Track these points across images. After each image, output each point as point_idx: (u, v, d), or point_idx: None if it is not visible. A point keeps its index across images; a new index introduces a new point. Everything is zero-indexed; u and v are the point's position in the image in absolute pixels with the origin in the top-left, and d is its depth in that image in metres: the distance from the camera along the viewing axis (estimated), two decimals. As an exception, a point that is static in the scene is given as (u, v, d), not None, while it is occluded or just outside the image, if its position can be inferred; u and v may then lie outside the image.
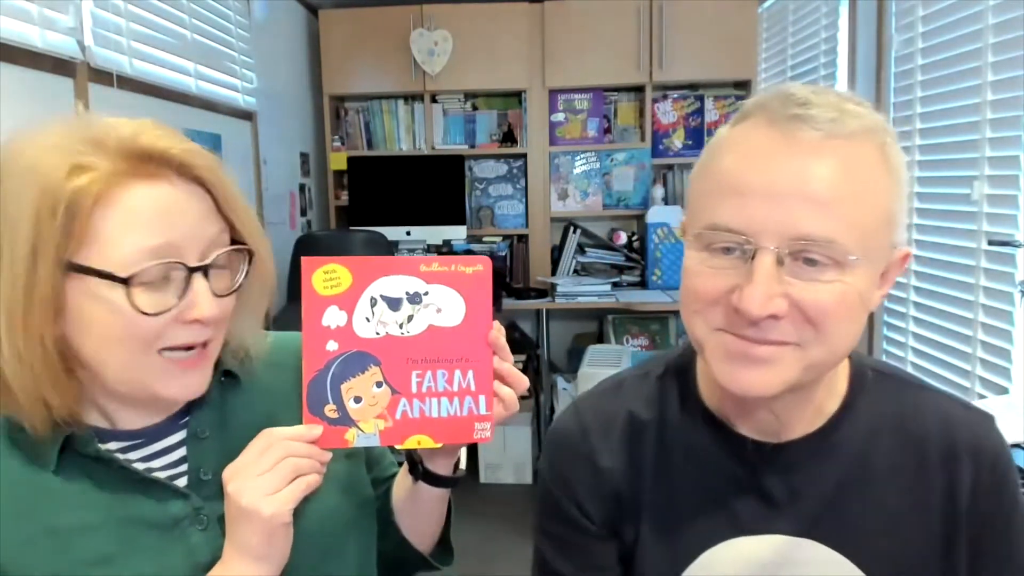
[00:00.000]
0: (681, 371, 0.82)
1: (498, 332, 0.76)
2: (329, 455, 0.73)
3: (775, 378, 0.66)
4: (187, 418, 0.77)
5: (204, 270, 0.69)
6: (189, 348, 0.71)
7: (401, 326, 0.74)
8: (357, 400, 0.74)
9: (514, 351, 0.78)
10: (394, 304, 0.74)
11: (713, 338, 0.68)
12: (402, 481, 0.88)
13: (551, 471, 0.84)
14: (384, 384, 0.74)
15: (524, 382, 0.78)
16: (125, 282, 0.65)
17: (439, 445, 0.77)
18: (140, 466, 0.74)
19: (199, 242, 0.69)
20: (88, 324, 0.67)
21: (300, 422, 0.74)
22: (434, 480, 0.83)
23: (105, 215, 0.65)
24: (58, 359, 0.67)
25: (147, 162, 0.67)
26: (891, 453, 0.76)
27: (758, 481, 0.76)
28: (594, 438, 0.81)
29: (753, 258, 0.64)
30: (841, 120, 0.64)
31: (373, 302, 0.73)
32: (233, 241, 0.74)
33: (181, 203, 0.68)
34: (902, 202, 0.68)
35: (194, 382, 0.73)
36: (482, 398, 0.75)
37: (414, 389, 0.74)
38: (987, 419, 0.78)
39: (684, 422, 0.79)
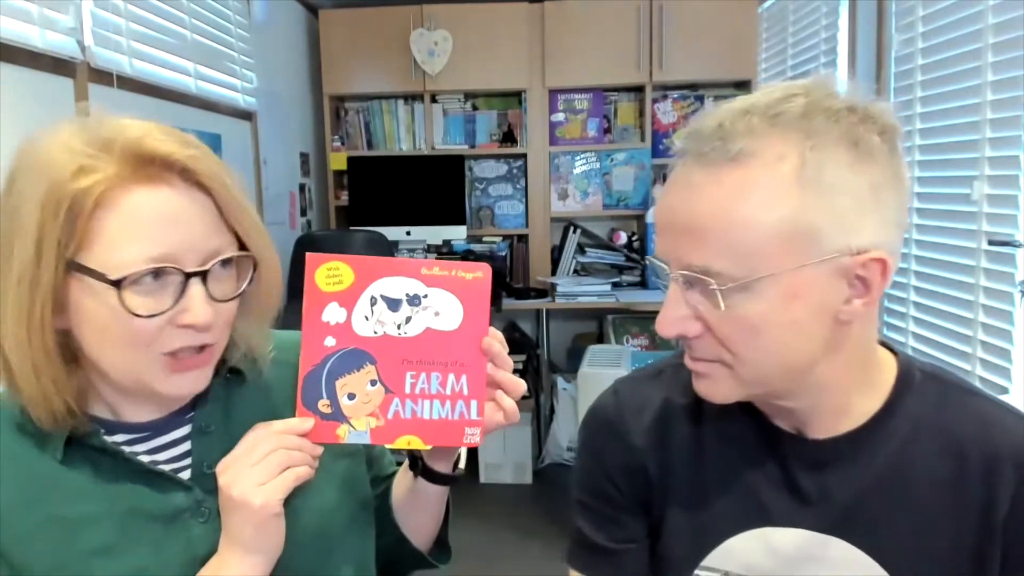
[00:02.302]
0: None
1: (492, 339, 0.76)
2: (320, 449, 0.75)
3: (719, 389, 0.73)
4: (192, 412, 0.79)
5: (203, 276, 0.70)
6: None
7: (399, 327, 0.75)
8: (351, 397, 0.74)
9: (514, 351, 0.79)
10: (393, 305, 0.74)
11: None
12: (402, 478, 0.89)
13: (586, 446, 0.89)
14: (378, 383, 0.75)
15: (520, 387, 0.78)
16: (116, 284, 0.66)
17: (428, 447, 0.77)
18: (145, 459, 0.75)
19: (199, 252, 0.70)
20: (88, 320, 0.69)
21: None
22: (433, 477, 0.84)
23: (106, 218, 0.66)
24: (58, 351, 0.69)
25: (149, 165, 0.68)
26: (929, 459, 0.74)
27: (790, 475, 0.77)
28: (628, 417, 0.85)
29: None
30: (724, 147, 0.65)
31: (373, 301, 0.74)
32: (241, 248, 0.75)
33: (183, 209, 0.69)
34: (833, 208, 0.64)
35: (193, 381, 0.74)
36: (474, 403, 0.76)
37: (407, 390, 0.75)
38: None
39: (720, 409, 0.79)
